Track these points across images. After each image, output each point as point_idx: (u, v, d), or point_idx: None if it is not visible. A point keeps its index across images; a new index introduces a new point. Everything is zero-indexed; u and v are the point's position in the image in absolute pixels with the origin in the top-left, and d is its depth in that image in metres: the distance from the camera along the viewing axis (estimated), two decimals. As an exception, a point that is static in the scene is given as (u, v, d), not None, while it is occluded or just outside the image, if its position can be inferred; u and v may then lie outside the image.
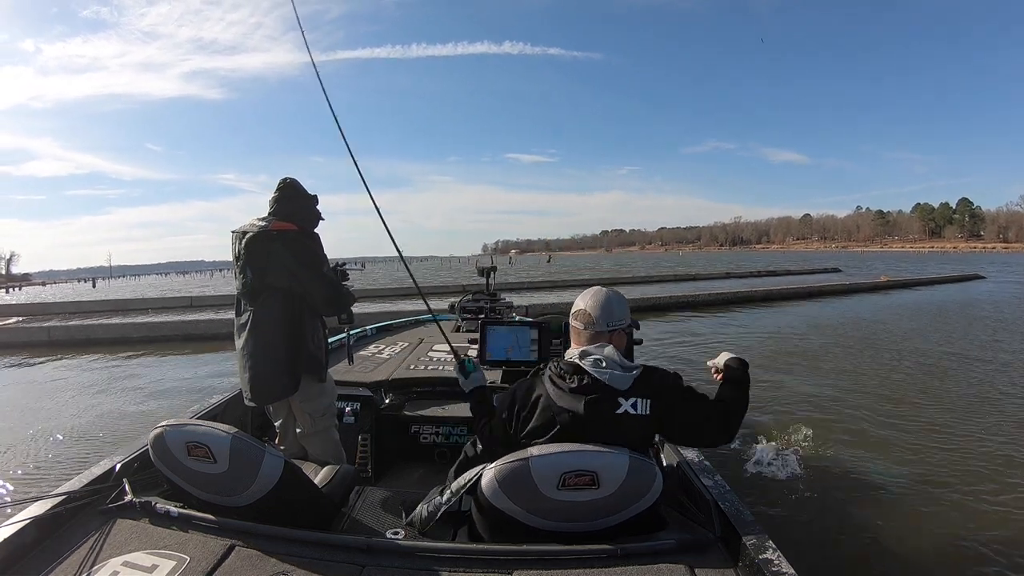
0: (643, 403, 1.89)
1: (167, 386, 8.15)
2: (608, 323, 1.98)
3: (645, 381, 1.92)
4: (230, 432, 1.97)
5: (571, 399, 1.89)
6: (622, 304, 2.04)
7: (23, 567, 1.75)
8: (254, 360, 2.66)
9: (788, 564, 1.66)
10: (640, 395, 1.90)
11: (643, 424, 1.90)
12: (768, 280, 27.45)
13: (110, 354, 10.98)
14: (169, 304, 22.23)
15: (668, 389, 1.95)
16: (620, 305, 2.03)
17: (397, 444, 3.39)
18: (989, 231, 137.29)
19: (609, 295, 2.03)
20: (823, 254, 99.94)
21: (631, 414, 1.88)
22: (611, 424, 1.87)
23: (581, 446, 1.93)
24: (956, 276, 27.83)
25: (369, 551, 1.85)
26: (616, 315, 2.00)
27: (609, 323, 1.98)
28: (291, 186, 2.78)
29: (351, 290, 3.02)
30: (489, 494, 1.89)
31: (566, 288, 24.92)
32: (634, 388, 1.90)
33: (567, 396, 1.90)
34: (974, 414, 5.60)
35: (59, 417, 6.55)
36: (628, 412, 1.88)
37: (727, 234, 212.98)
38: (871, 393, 6.67)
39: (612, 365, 1.90)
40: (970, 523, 3.41)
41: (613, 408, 1.88)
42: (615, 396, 1.89)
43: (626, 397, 1.89)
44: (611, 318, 1.98)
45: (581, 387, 1.90)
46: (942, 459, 4.42)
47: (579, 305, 2.03)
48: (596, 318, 1.97)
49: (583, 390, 1.89)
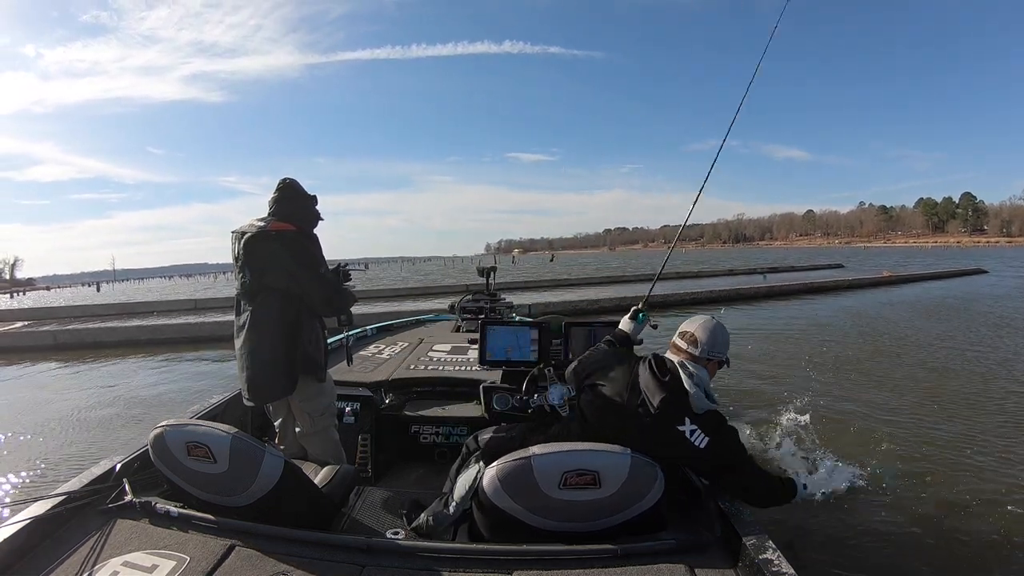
0: (702, 437, 2.05)
1: (173, 388, 8.17)
2: (710, 352, 2.20)
3: (714, 419, 2.11)
4: (230, 432, 1.98)
5: (654, 390, 2.07)
6: (725, 338, 2.26)
7: (23, 567, 1.76)
8: (252, 360, 2.66)
9: (788, 564, 1.66)
10: (703, 428, 2.06)
11: (692, 453, 2.06)
12: (770, 277, 27.37)
13: (116, 357, 11.01)
14: (174, 307, 22.23)
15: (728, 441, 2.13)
16: (724, 338, 2.25)
17: (397, 444, 3.39)
18: (992, 225, 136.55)
19: (717, 327, 2.25)
20: (826, 250, 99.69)
21: (687, 439, 2.04)
22: (667, 437, 2.05)
23: (583, 445, 1.94)
24: (958, 271, 27.71)
25: (369, 551, 1.85)
26: (718, 346, 2.22)
27: (711, 352, 2.20)
28: (290, 187, 2.78)
29: (352, 291, 3.03)
30: (490, 493, 1.89)
31: (568, 287, 24.92)
32: (703, 418, 2.08)
33: (653, 385, 2.08)
34: (975, 413, 5.57)
35: (66, 419, 6.57)
36: (685, 436, 2.05)
37: (730, 231, 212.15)
38: (873, 389, 6.64)
39: (701, 385, 2.11)
40: (973, 523, 3.39)
41: (676, 424, 2.05)
42: (685, 415, 2.06)
43: (692, 421, 2.05)
44: (713, 348, 2.20)
45: (666, 385, 2.07)
46: (944, 456, 4.40)
47: (689, 328, 2.26)
48: (702, 343, 2.19)
49: (667, 388, 2.06)
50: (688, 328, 2.26)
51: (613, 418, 2.14)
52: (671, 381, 2.09)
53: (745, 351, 8.73)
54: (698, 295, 17.87)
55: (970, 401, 5.97)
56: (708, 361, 2.20)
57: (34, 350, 12.17)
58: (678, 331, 2.30)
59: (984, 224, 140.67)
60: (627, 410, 2.11)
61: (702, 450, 2.04)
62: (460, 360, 4.23)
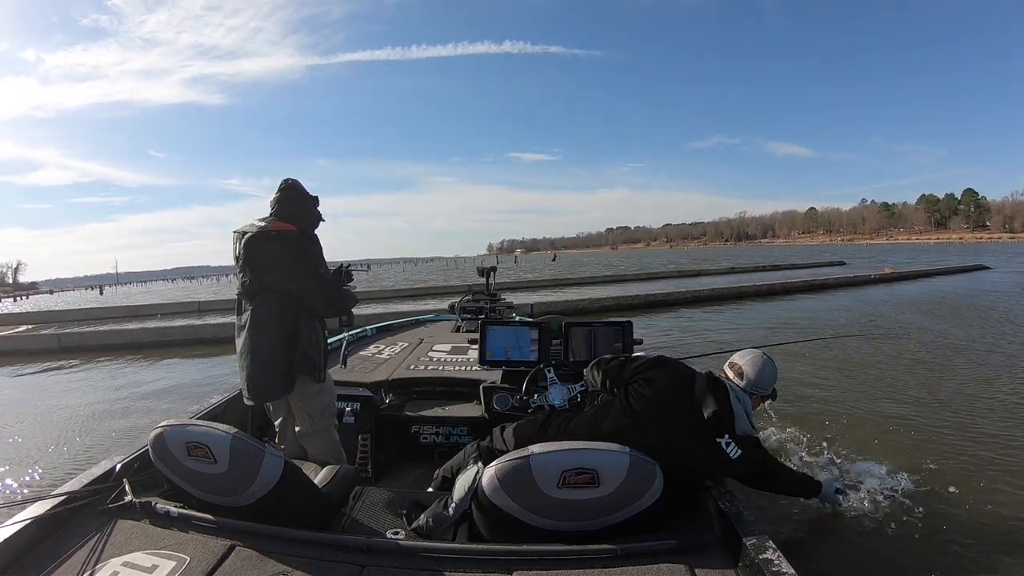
0: (736, 449, 2.24)
1: (180, 389, 8.19)
2: (754, 387, 2.43)
3: (751, 442, 2.33)
4: (230, 432, 1.98)
5: (708, 402, 2.26)
6: (771, 376, 2.47)
7: (23, 567, 1.76)
8: (251, 359, 2.67)
9: (788, 564, 1.66)
10: (738, 443, 2.26)
11: (723, 459, 2.24)
12: (772, 275, 27.35)
13: (122, 359, 11.03)
14: (178, 309, 22.29)
15: (759, 454, 2.40)
16: (769, 376, 2.46)
17: (397, 444, 3.39)
18: (995, 221, 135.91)
19: (765, 364, 2.46)
20: (828, 247, 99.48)
21: (723, 449, 2.23)
22: (706, 444, 2.24)
23: (583, 444, 1.93)
24: (960, 267, 27.64)
25: (369, 551, 1.85)
26: (763, 383, 2.44)
27: (755, 388, 2.43)
28: (292, 187, 2.79)
29: (354, 292, 3.03)
30: (489, 492, 1.89)
31: (572, 287, 24.91)
32: (741, 439, 2.27)
33: (708, 398, 2.27)
34: (974, 412, 5.54)
35: (73, 420, 6.59)
36: (722, 446, 2.24)
37: (732, 229, 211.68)
38: (871, 386, 6.60)
39: (746, 411, 2.36)
40: (974, 522, 3.38)
41: (716, 436, 2.24)
42: (727, 432, 2.25)
43: (731, 438, 2.25)
44: (757, 384, 2.43)
45: (718, 400, 2.27)
46: (945, 455, 4.38)
47: (738, 361, 2.49)
48: (748, 378, 2.42)
49: (719, 403, 2.26)
50: (738, 361, 2.49)
51: (665, 411, 2.30)
52: (722, 398, 2.29)
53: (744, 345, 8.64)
54: (700, 293, 17.85)
55: (970, 401, 5.93)
56: (751, 394, 2.43)
57: (40, 352, 12.19)
58: (728, 361, 2.53)
59: (986, 220, 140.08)
60: (681, 406, 2.30)
61: (734, 460, 2.23)
62: (460, 360, 4.23)
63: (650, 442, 2.13)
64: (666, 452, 2.10)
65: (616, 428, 2.27)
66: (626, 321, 3.46)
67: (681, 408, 2.30)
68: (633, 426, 2.26)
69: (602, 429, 2.28)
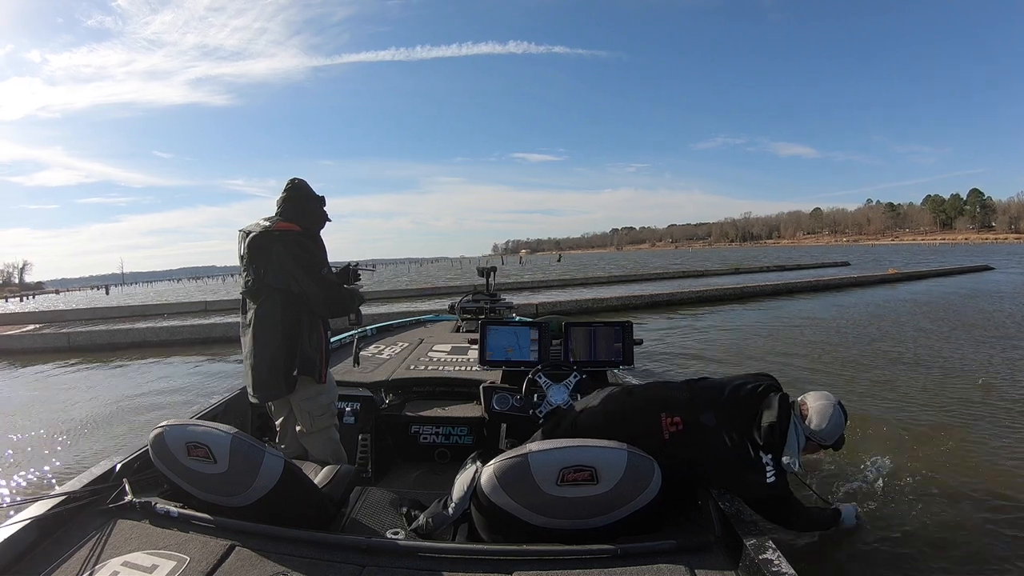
0: (773, 473, 2.20)
1: (190, 387, 8.24)
2: (815, 435, 2.32)
3: (784, 477, 2.25)
4: (230, 432, 1.98)
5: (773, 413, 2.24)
6: (840, 425, 2.37)
7: (23, 567, 1.76)
8: (254, 358, 2.68)
9: (788, 564, 1.66)
10: (777, 469, 2.21)
11: (755, 475, 2.19)
12: (776, 275, 27.31)
13: (130, 358, 11.10)
14: (185, 309, 22.40)
15: (786, 488, 2.30)
16: (837, 426, 2.35)
17: (397, 444, 3.39)
18: (1000, 222, 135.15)
19: (835, 413, 2.35)
20: (833, 248, 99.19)
21: (762, 464, 2.20)
22: (749, 455, 2.21)
23: (581, 441, 1.93)
24: (964, 267, 27.52)
25: (369, 551, 1.86)
26: (827, 434, 2.32)
27: (816, 436, 2.32)
28: (298, 187, 2.79)
29: (360, 290, 3.03)
30: (488, 491, 1.89)
31: (576, 287, 24.89)
32: (780, 469, 2.22)
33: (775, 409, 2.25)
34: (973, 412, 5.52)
35: (83, 418, 6.63)
36: (763, 462, 2.20)
37: (737, 230, 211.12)
38: (870, 386, 6.58)
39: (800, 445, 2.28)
40: (974, 522, 3.36)
41: (761, 451, 2.21)
42: (772, 453, 2.21)
43: (774, 459, 2.21)
44: (820, 434, 2.32)
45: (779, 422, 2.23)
46: (946, 456, 4.36)
47: (810, 403, 2.38)
48: (811, 423, 2.32)
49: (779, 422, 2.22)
50: (809, 402, 2.38)
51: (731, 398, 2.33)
52: (784, 419, 2.25)
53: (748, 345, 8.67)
54: (704, 293, 17.82)
55: (969, 401, 5.90)
56: (809, 439, 2.34)
57: (49, 351, 12.28)
58: (800, 398, 2.43)
59: (992, 221, 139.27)
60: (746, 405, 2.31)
61: (767, 483, 2.19)
62: (460, 360, 4.23)
63: (705, 421, 2.23)
64: (706, 441, 2.19)
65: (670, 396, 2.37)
66: (626, 321, 3.45)
67: (745, 405, 2.31)
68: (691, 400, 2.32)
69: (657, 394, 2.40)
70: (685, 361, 8.44)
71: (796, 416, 2.32)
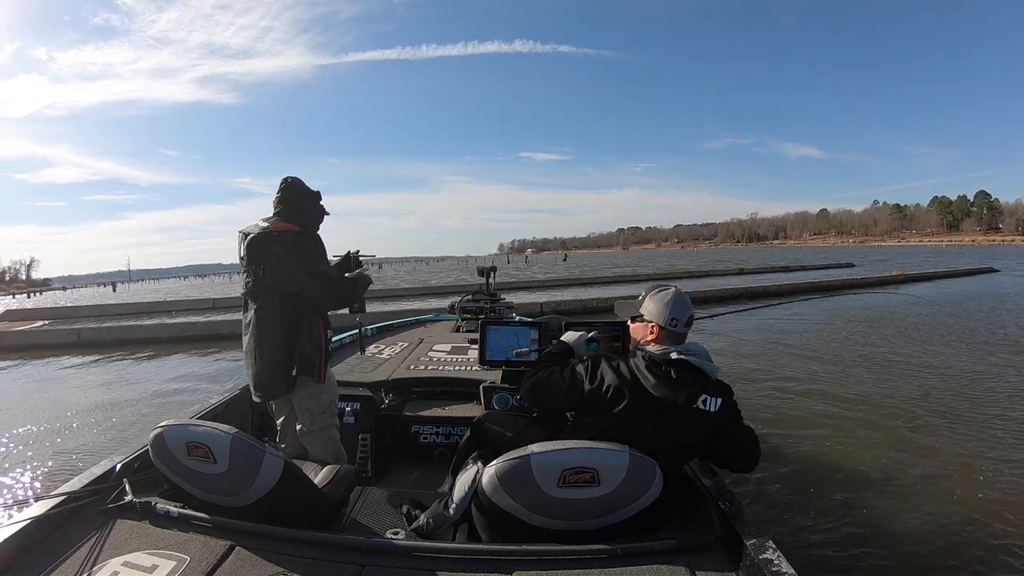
0: (714, 401, 2.00)
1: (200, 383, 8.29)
2: (689, 323, 2.11)
3: (719, 381, 2.06)
4: (230, 432, 1.98)
5: (669, 390, 1.96)
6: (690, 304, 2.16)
7: (23, 567, 1.76)
8: (255, 358, 2.69)
9: (788, 564, 1.64)
10: (714, 393, 2.01)
11: (708, 420, 2.01)
12: (781, 276, 27.26)
13: (140, 354, 11.21)
14: (193, 306, 22.54)
15: (730, 397, 2.08)
16: (690, 305, 2.14)
17: (397, 444, 3.39)
18: (1008, 224, 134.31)
19: (684, 295, 2.14)
20: (839, 249, 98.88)
21: (701, 410, 1.99)
22: (689, 416, 1.98)
23: (582, 443, 1.93)
24: (969, 270, 27.45)
25: (369, 551, 1.85)
26: (692, 314, 2.12)
27: (691, 322, 2.11)
28: (292, 186, 2.78)
29: (366, 274, 3.02)
30: (489, 491, 1.88)
31: (581, 286, 24.89)
32: (714, 383, 2.03)
33: (663, 387, 1.96)
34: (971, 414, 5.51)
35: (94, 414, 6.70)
36: (699, 408, 1.99)
37: (744, 230, 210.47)
38: (871, 390, 6.59)
39: (706, 356, 2.04)
40: (974, 522, 3.36)
41: (692, 403, 1.98)
42: (700, 390, 1.99)
43: (705, 392, 1.99)
44: (692, 318, 2.12)
45: (683, 379, 1.97)
46: (946, 456, 4.36)
47: (658, 305, 2.11)
48: (682, 317, 2.08)
49: (686, 383, 1.97)
50: (658, 306, 2.12)
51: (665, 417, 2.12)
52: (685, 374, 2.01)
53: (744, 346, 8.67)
54: (707, 293, 17.80)
55: (968, 403, 5.89)
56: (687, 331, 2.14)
57: (59, 347, 12.40)
58: (647, 310, 2.15)
59: (999, 223, 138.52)
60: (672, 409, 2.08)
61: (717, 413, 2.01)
62: (460, 360, 4.23)
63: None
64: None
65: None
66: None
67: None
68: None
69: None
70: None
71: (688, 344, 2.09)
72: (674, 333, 2.07)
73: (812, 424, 5.31)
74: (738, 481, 3.97)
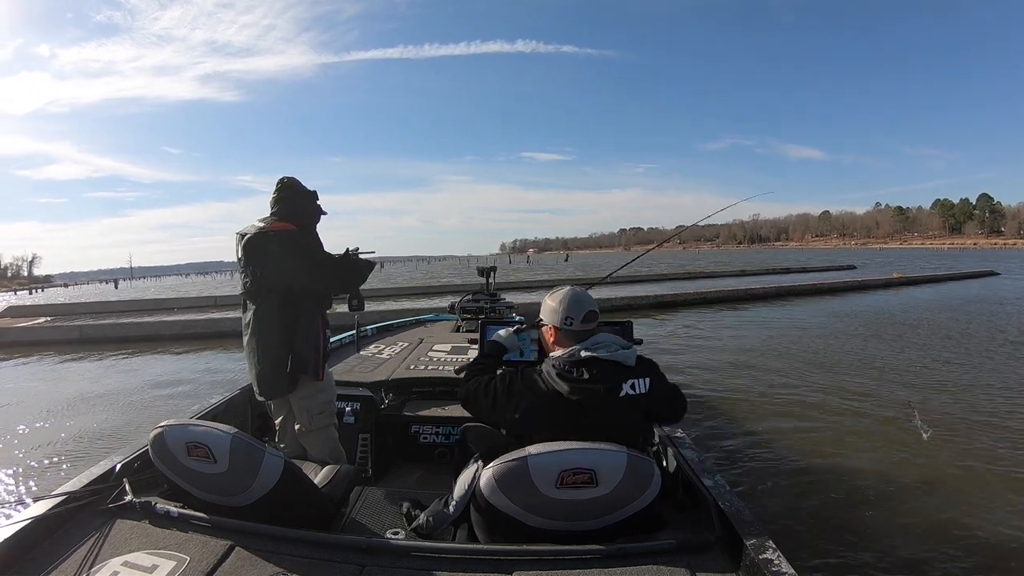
0: (642, 382, 1.98)
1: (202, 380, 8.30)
2: (589, 318, 2.08)
3: (641, 360, 2.04)
4: (230, 432, 1.98)
5: (586, 391, 1.93)
6: (593, 300, 2.13)
7: (23, 567, 1.76)
8: (256, 358, 2.70)
9: (788, 564, 1.64)
10: (638, 375, 1.99)
11: (641, 402, 1.98)
12: (782, 277, 27.25)
13: (144, 351, 11.22)
14: (195, 304, 22.60)
15: (657, 371, 2.06)
16: (594, 301, 2.12)
17: (397, 444, 3.39)
18: (1010, 227, 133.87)
19: (581, 293, 2.13)
20: (841, 251, 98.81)
21: (631, 395, 1.96)
22: (620, 404, 1.95)
23: (580, 444, 1.92)
24: (969, 273, 27.44)
25: (369, 551, 1.85)
26: (591, 309, 2.09)
27: (591, 318, 2.08)
28: (288, 186, 2.79)
29: (366, 260, 3.00)
30: (487, 493, 1.88)
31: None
32: (636, 367, 2.00)
33: (580, 390, 1.94)
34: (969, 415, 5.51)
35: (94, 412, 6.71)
36: (629, 394, 1.96)
37: (745, 232, 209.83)
38: (870, 392, 6.59)
39: (618, 345, 2.01)
40: (975, 523, 3.37)
41: (616, 392, 1.95)
42: (621, 379, 1.96)
43: (627, 378, 1.96)
44: (592, 313, 2.09)
45: (597, 377, 1.95)
46: (947, 458, 4.36)
47: (551, 307, 2.11)
48: (576, 315, 2.06)
49: (601, 379, 1.95)
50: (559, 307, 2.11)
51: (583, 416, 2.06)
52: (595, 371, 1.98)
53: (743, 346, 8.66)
54: (708, 294, 17.79)
55: (967, 406, 5.89)
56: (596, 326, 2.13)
57: (61, 344, 12.44)
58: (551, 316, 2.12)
59: (1001, 226, 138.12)
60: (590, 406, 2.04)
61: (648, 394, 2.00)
62: (460, 360, 4.22)
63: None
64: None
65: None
66: (626, 321, 3.44)
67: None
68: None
69: None
70: (687, 360, 8.44)
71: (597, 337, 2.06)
72: (572, 332, 2.06)
73: (813, 424, 5.31)
74: (738, 481, 3.98)
